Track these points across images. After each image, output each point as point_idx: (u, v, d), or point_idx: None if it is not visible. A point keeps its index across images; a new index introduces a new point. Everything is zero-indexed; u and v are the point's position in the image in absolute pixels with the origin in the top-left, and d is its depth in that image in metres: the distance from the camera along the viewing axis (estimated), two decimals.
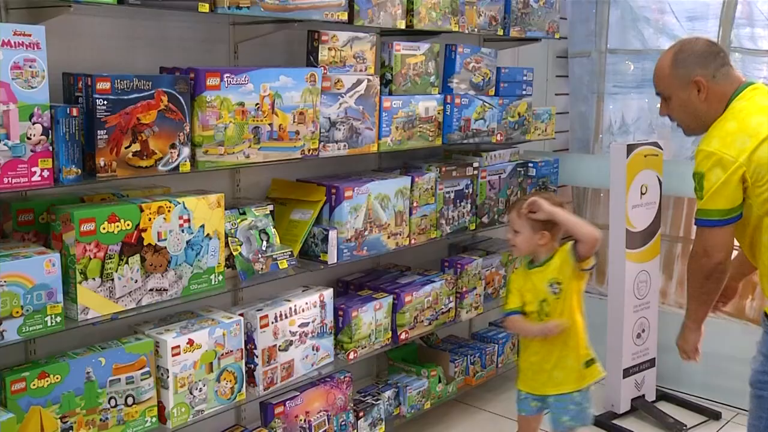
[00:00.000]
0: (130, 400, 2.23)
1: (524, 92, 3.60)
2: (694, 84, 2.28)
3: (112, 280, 2.15)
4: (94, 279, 2.11)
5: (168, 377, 2.30)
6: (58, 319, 2.04)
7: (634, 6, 4.11)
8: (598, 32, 4.22)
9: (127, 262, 2.18)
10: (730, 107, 2.27)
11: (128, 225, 2.17)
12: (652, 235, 3.60)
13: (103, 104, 2.06)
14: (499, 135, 3.45)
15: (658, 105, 2.44)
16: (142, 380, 2.25)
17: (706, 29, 3.84)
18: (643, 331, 3.63)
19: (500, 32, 3.44)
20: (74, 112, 2.02)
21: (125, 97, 2.11)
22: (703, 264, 2.26)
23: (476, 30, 3.31)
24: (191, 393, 2.37)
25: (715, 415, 3.61)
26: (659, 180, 3.59)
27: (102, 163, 2.08)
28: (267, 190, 2.93)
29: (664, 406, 3.67)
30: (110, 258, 2.13)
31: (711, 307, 2.41)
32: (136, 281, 2.21)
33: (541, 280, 2.62)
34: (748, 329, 3.69)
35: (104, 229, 2.11)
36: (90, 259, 2.09)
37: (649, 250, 3.59)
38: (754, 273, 2.47)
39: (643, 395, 3.66)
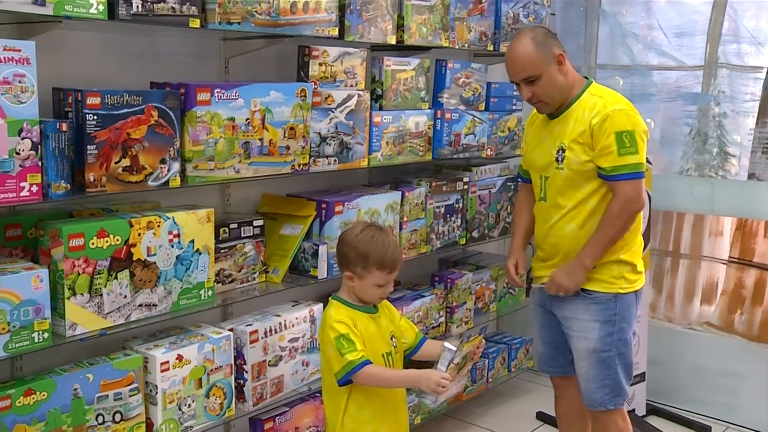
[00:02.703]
0: (118, 417, 2.21)
1: (514, 107, 3.62)
2: (557, 59, 2.52)
3: (101, 295, 2.14)
4: (82, 294, 2.10)
5: (157, 393, 2.29)
6: (46, 335, 2.02)
7: (623, 22, 4.15)
8: (588, 48, 4.25)
9: (116, 278, 2.17)
10: (595, 87, 2.60)
11: (117, 240, 2.16)
12: (642, 249, 3.60)
13: (93, 119, 2.06)
14: (489, 150, 3.47)
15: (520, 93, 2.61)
16: (130, 396, 2.24)
17: (694, 45, 3.89)
18: (633, 345, 3.63)
19: (490, 47, 3.46)
20: (64, 127, 2.01)
21: (115, 113, 2.11)
22: (636, 208, 2.50)
23: (466, 45, 3.33)
24: (180, 409, 2.35)
25: (705, 429, 3.62)
26: (648, 195, 3.61)
27: (91, 179, 2.08)
28: (257, 205, 2.93)
29: (655, 421, 3.67)
30: (99, 273, 2.12)
31: None
32: (125, 297, 2.20)
33: (386, 326, 2.35)
34: (737, 344, 3.71)
35: (93, 244, 2.10)
36: (79, 274, 2.08)
37: None
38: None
39: (633, 410, 3.66)
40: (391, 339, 2.35)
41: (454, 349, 2.26)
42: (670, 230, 4.01)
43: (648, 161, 3.60)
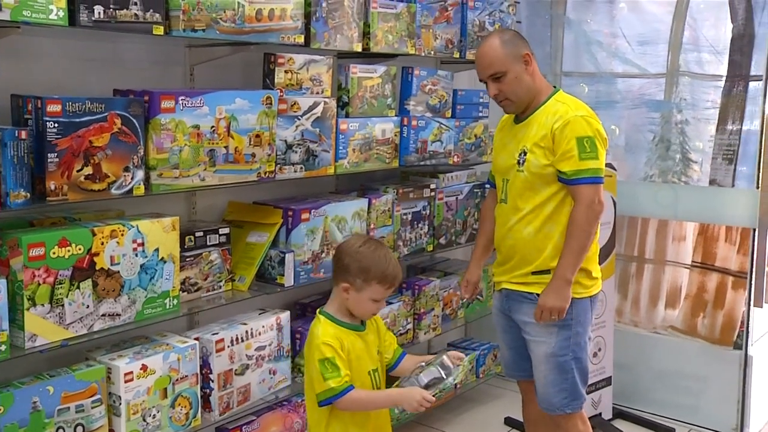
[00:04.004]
0: (79, 429, 2.17)
1: (481, 114, 3.65)
2: (524, 58, 2.59)
3: (63, 305, 2.11)
4: (43, 305, 2.06)
5: (120, 404, 2.25)
6: (3, 347, 1.98)
7: (587, 30, 4.21)
8: (553, 55, 4.30)
9: (78, 287, 2.14)
10: (561, 94, 2.66)
11: (80, 249, 2.13)
12: (607, 255, 3.65)
13: (54, 127, 2.03)
14: (455, 157, 3.48)
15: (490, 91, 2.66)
16: (92, 408, 2.20)
17: (657, 53, 3.95)
18: (600, 350, 3.67)
19: (456, 55, 3.49)
20: (23, 134, 1.98)
21: (77, 120, 2.08)
22: (599, 210, 2.55)
23: (432, 53, 3.34)
24: (144, 420, 2.32)
25: (669, 431, 3.68)
26: (613, 200, 3.65)
27: (52, 187, 2.05)
28: (223, 213, 2.91)
29: (621, 424, 3.71)
30: (60, 283, 2.09)
31: None
32: (87, 306, 2.17)
33: (373, 342, 2.31)
34: (700, 347, 3.77)
35: (54, 253, 2.07)
36: (39, 284, 2.05)
37: (604, 269, 3.62)
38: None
39: (600, 414, 3.70)
40: (378, 354, 2.32)
41: (450, 368, 2.21)
42: (635, 235, 4.06)
43: (612, 167, 3.66)
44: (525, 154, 2.61)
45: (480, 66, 2.63)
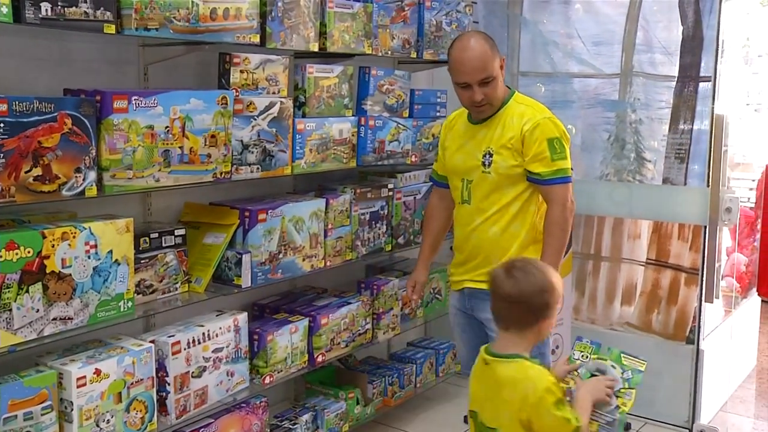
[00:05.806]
0: None
1: (438, 114, 3.66)
2: (502, 63, 2.62)
3: (10, 310, 2.06)
4: None
5: (72, 410, 2.21)
6: None
7: (543, 30, 4.25)
8: (510, 55, 4.34)
9: (27, 291, 2.09)
10: (519, 96, 2.69)
11: (29, 252, 2.09)
12: (565, 253, 3.70)
13: (0, 127, 1.98)
14: (413, 156, 3.49)
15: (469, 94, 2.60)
16: (42, 415, 2.15)
17: (611, 53, 4.01)
18: (557, 347, 3.71)
19: (413, 55, 3.49)
20: None
21: (25, 120, 2.04)
22: (573, 208, 2.61)
23: (390, 53, 3.35)
24: (98, 425, 2.28)
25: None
26: None
27: None
28: (180, 214, 2.88)
29: None
30: (8, 287, 2.04)
31: None
32: (37, 311, 2.13)
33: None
34: (655, 342, 3.84)
35: (1, 257, 2.02)
36: None
37: (562, 267, 3.67)
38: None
39: None
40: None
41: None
42: (592, 234, 4.12)
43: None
44: (491, 155, 2.61)
45: (471, 69, 2.55)
